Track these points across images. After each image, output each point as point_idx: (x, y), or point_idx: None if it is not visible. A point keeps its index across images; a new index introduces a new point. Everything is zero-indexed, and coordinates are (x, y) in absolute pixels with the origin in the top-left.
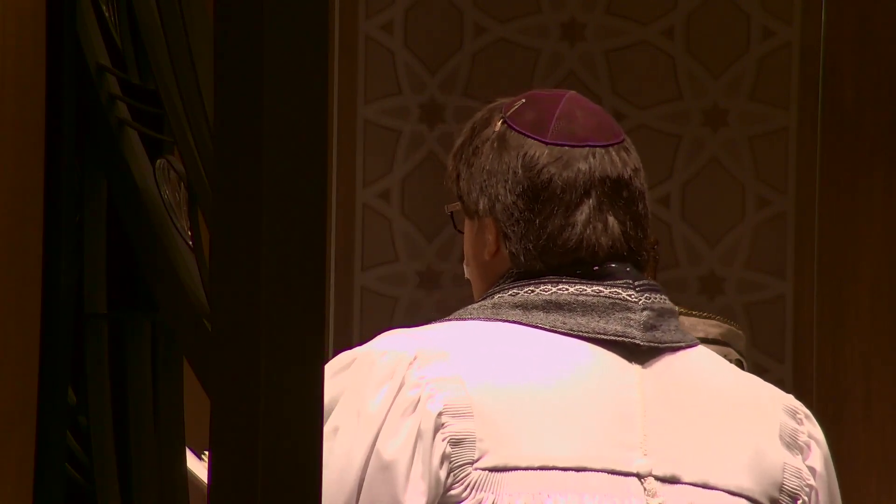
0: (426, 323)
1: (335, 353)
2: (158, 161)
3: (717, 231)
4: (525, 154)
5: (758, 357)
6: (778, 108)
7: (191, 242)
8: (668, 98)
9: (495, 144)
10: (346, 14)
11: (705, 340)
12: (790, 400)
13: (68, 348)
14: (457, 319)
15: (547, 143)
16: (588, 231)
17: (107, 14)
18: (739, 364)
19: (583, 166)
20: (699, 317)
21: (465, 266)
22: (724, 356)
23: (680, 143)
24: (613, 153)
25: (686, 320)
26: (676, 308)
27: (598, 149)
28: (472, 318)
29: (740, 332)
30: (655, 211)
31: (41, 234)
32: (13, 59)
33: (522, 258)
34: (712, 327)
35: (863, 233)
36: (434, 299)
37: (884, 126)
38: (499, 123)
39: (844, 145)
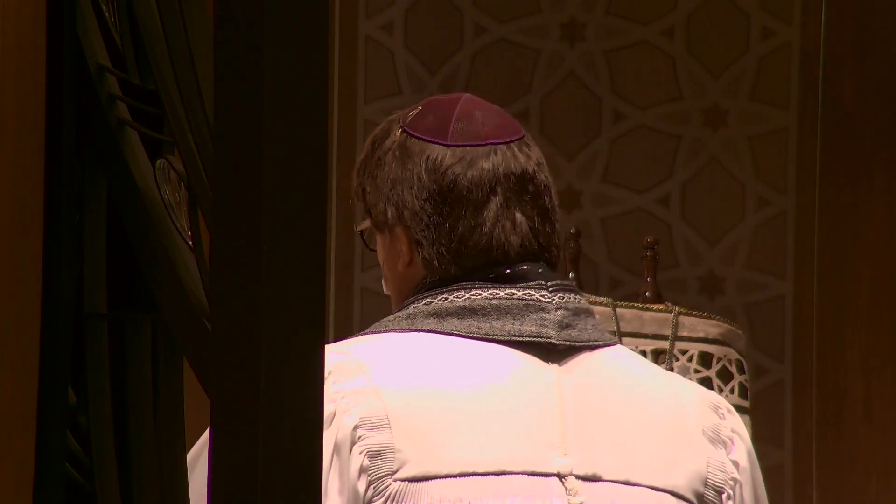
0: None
1: None
2: (158, 161)
3: (717, 231)
4: (428, 158)
5: (758, 357)
6: (778, 108)
7: (191, 242)
8: (668, 98)
9: (397, 153)
10: (346, 14)
11: (705, 340)
12: (712, 395)
13: (68, 348)
14: (372, 333)
15: (448, 146)
16: (497, 230)
17: (107, 14)
18: (739, 364)
19: (486, 164)
20: (699, 317)
21: (383, 283)
22: (724, 356)
23: (680, 143)
24: (515, 149)
25: (686, 320)
26: (592, 307)
27: (500, 146)
28: (387, 331)
29: (740, 332)
30: (655, 211)
31: (41, 234)
32: (13, 60)
33: (437, 263)
34: (712, 327)
35: (863, 233)
36: None
37: (884, 126)
38: (398, 132)
39: (844, 145)
